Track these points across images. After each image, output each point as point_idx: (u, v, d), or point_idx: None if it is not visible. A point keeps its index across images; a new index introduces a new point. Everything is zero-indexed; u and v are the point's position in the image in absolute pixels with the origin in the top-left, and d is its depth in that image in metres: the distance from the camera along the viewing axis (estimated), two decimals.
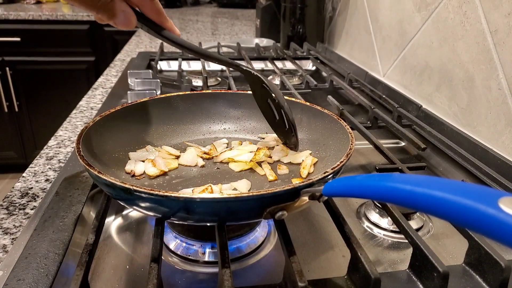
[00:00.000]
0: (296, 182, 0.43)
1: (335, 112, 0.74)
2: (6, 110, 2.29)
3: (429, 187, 0.25)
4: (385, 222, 0.52)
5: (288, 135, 0.54)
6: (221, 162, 0.55)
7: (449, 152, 0.68)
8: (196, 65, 1.17)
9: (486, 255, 0.40)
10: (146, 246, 0.48)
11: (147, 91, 0.83)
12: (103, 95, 0.95)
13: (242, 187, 0.48)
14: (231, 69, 1.08)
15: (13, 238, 0.47)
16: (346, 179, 0.33)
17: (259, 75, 0.52)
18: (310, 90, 0.94)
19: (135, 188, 0.35)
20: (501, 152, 0.63)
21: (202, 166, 0.53)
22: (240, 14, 2.37)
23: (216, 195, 0.36)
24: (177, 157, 0.55)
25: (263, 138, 0.60)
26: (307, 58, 1.23)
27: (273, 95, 0.52)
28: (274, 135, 0.58)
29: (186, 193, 0.46)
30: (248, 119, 0.62)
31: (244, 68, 0.53)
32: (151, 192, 0.35)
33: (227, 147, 0.58)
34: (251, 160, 0.53)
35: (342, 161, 0.41)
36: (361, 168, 0.68)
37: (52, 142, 0.72)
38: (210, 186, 0.47)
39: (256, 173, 0.52)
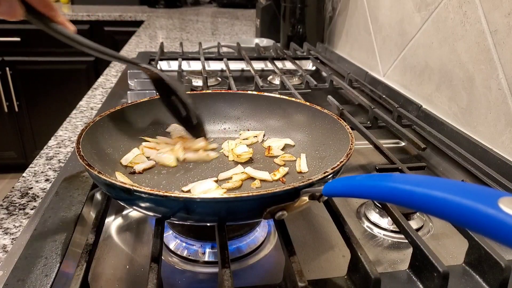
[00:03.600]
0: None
1: (335, 112, 0.74)
2: (6, 110, 2.29)
3: (429, 187, 0.25)
4: (385, 222, 0.52)
5: (197, 129, 0.56)
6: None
7: (449, 152, 0.68)
8: (196, 65, 1.17)
9: (486, 255, 0.40)
10: (146, 246, 0.48)
11: (147, 91, 0.83)
12: (103, 95, 0.95)
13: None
14: (232, 68, 1.08)
15: (13, 238, 0.47)
16: (346, 179, 0.33)
17: (157, 72, 0.52)
18: (310, 90, 0.94)
19: (135, 188, 0.35)
20: (501, 152, 0.63)
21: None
22: (240, 14, 2.37)
23: (216, 195, 0.36)
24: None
25: (240, 135, 0.61)
26: (307, 58, 1.23)
27: (175, 91, 0.53)
28: (254, 132, 0.61)
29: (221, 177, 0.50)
30: (248, 119, 0.62)
31: (143, 66, 0.52)
32: (151, 192, 0.35)
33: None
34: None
35: (342, 161, 0.41)
36: (361, 168, 0.68)
37: (52, 142, 0.72)
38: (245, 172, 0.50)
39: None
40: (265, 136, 0.61)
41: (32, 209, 0.52)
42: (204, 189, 0.47)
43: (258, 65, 1.20)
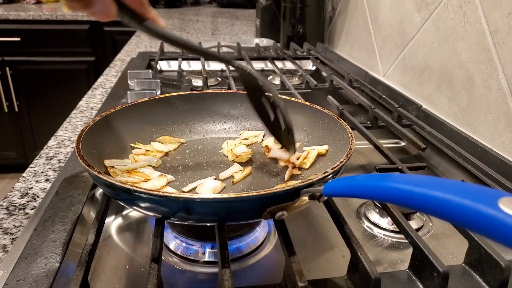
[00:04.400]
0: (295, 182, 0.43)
1: (335, 112, 0.74)
2: (6, 110, 2.29)
3: (429, 187, 0.25)
4: (385, 222, 0.52)
5: (285, 136, 0.50)
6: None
7: (449, 152, 0.68)
8: (196, 65, 1.17)
9: (486, 255, 0.40)
10: (146, 246, 0.48)
11: (147, 91, 0.83)
12: (103, 95, 0.95)
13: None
14: (231, 68, 1.08)
15: (13, 238, 0.47)
16: (346, 179, 0.33)
17: (252, 72, 0.49)
18: (310, 90, 0.94)
19: (134, 188, 0.35)
20: (501, 152, 0.63)
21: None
22: (240, 14, 2.37)
23: (216, 195, 0.36)
24: (166, 153, 0.56)
25: (240, 135, 0.61)
26: (307, 58, 1.23)
27: (269, 93, 0.49)
28: (254, 132, 0.60)
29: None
30: (248, 119, 0.62)
31: (237, 65, 0.49)
32: (151, 192, 0.35)
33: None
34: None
35: (342, 161, 0.41)
36: (361, 168, 0.68)
37: (52, 142, 0.72)
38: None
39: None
40: (265, 136, 0.61)
41: (32, 209, 0.52)
42: (211, 187, 0.47)
43: (258, 65, 1.20)
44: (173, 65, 1.17)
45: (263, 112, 0.51)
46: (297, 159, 0.53)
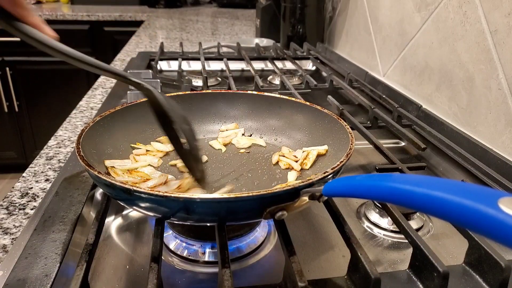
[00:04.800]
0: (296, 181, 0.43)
1: (335, 112, 0.74)
2: (6, 110, 2.29)
3: (429, 187, 0.25)
4: (385, 222, 0.52)
5: (192, 163, 0.44)
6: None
7: (449, 152, 0.68)
8: (196, 65, 1.17)
9: (486, 255, 0.40)
10: (146, 246, 0.48)
11: None
12: (103, 95, 0.95)
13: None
14: (231, 68, 1.08)
15: (13, 238, 0.47)
16: (346, 179, 0.33)
17: (149, 88, 0.40)
18: (310, 90, 0.94)
19: (134, 188, 0.35)
20: (501, 152, 0.63)
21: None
22: (240, 14, 2.37)
23: (216, 195, 0.36)
24: (167, 153, 0.56)
25: (224, 131, 0.62)
26: (307, 58, 1.23)
27: (169, 115, 0.41)
28: (233, 125, 0.61)
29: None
30: (248, 119, 0.62)
31: (134, 80, 0.41)
32: (151, 192, 0.35)
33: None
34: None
35: (342, 161, 0.41)
36: (361, 168, 0.68)
37: (52, 142, 0.72)
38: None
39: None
40: (245, 133, 0.62)
41: (32, 209, 0.52)
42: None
43: (258, 65, 1.20)
44: (173, 65, 1.17)
45: (176, 140, 0.43)
46: (296, 161, 0.53)
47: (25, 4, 0.36)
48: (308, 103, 0.58)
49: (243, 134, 0.61)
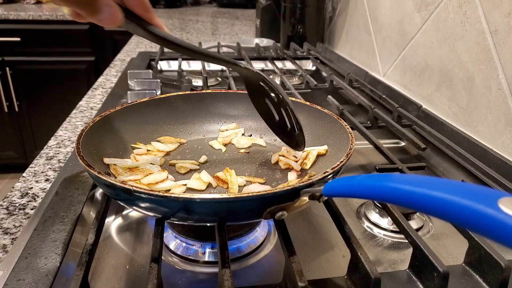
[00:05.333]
0: (296, 181, 0.43)
1: (335, 112, 0.74)
2: (6, 110, 2.29)
3: (429, 187, 0.25)
4: (385, 222, 0.52)
5: (291, 135, 0.51)
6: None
7: (449, 152, 0.68)
8: (196, 65, 1.17)
9: (486, 255, 0.40)
10: (146, 246, 0.48)
11: (147, 91, 0.83)
12: (103, 95, 0.95)
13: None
14: (230, 68, 1.08)
15: (13, 238, 0.47)
16: (346, 179, 0.33)
17: (259, 72, 0.49)
18: (310, 90, 0.94)
19: (134, 188, 0.35)
20: (501, 152, 0.63)
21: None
22: (240, 14, 2.37)
23: (216, 195, 0.36)
24: (167, 153, 0.56)
25: (224, 131, 0.62)
26: (307, 58, 1.23)
27: (276, 93, 0.49)
28: (233, 125, 0.61)
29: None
30: (248, 119, 0.62)
31: (243, 66, 0.49)
32: (151, 192, 0.35)
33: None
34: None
35: (342, 161, 0.41)
36: (361, 168, 0.68)
37: (52, 142, 0.72)
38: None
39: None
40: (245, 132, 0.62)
41: (32, 209, 0.52)
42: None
43: (258, 65, 1.20)
44: (173, 65, 1.17)
45: (266, 113, 0.52)
46: (296, 161, 0.53)
47: (151, 8, 0.41)
48: (308, 103, 0.58)
49: (243, 134, 0.61)
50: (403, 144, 0.78)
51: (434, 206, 0.25)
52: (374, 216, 0.53)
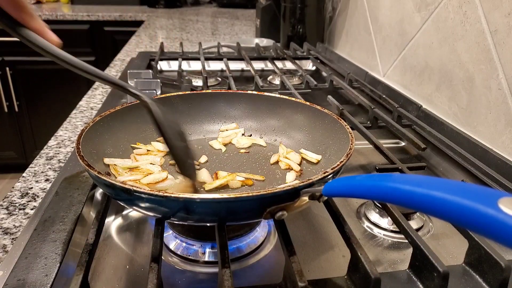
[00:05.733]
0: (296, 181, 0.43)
1: (335, 112, 0.74)
2: (6, 110, 2.29)
3: (429, 187, 0.25)
4: (385, 222, 0.52)
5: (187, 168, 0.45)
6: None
7: (449, 152, 0.68)
8: (196, 65, 1.17)
9: (486, 255, 0.40)
10: (146, 246, 0.48)
11: (147, 91, 0.83)
12: (103, 95, 0.95)
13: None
14: (231, 68, 1.08)
15: (13, 238, 0.47)
16: (346, 179, 0.33)
17: (147, 101, 0.41)
18: (310, 90, 0.94)
19: (134, 188, 0.35)
20: (501, 152, 0.63)
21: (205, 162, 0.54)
22: (240, 14, 2.37)
23: (216, 195, 0.36)
24: (167, 153, 0.56)
25: (224, 131, 0.62)
26: (307, 58, 1.23)
27: (164, 131, 0.41)
28: (233, 125, 0.61)
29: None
30: (248, 119, 0.62)
31: (132, 91, 0.41)
32: (151, 192, 0.35)
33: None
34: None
35: (342, 161, 0.41)
36: (361, 168, 0.68)
37: (52, 142, 0.72)
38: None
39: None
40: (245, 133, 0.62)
41: (32, 209, 0.52)
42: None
43: (258, 65, 1.20)
44: (173, 65, 1.17)
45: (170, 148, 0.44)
46: (299, 164, 0.53)
47: (28, 8, 0.35)
48: (308, 103, 0.58)
49: (243, 134, 0.61)
50: (403, 144, 0.78)
51: (434, 206, 0.25)
52: (374, 216, 0.53)
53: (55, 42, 0.37)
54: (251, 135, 0.61)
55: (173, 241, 0.47)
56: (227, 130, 0.61)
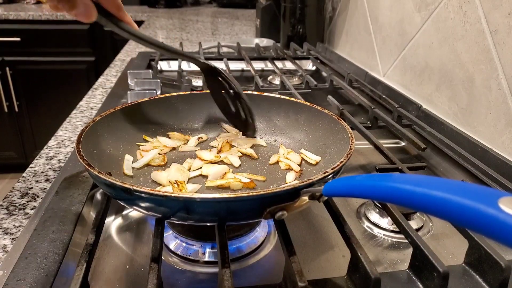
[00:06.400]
0: (296, 181, 0.43)
1: (335, 112, 0.74)
2: (6, 110, 2.29)
3: (429, 187, 0.25)
4: (385, 222, 0.52)
5: (246, 124, 0.59)
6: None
7: (449, 152, 0.68)
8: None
9: (486, 255, 0.40)
10: (146, 246, 0.48)
11: (147, 91, 0.83)
12: (103, 95, 0.95)
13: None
14: (231, 68, 1.08)
15: (13, 238, 0.47)
16: (346, 179, 0.33)
17: (215, 66, 0.56)
18: (310, 90, 0.94)
19: (135, 188, 0.35)
20: (501, 152, 0.63)
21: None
22: (240, 14, 2.37)
23: (216, 195, 0.36)
24: (173, 148, 0.57)
25: (226, 130, 0.62)
26: (307, 58, 1.23)
27: (232, 86, 0.56)
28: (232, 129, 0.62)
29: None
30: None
31: (201, 60, 0.56)
32: (151, 192, 0.35)
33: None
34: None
35: (342, 161, 0.41)
36: (361, 168, 0.68)
37: (52, 142, 0.72)
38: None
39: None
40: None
41: (32, 209, 0.52)
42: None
43: (258, 65, 1.20)
44: (173, 65, 1.17)
45: (223, 105, 0.59)
46: (299, 165, 0.53)
47: (123, 7, 0.47)
48: (308, 103, 0.58)
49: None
50: (403, 144, 0.78)
51: (434, 206, 0.25)
52: (374, 216, 0.53)
53: (137, 28, 0.50)
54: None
55: (173, 241, 0.47)
56: (227, 130, 0.61)
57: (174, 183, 0.46)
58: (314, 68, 1.22)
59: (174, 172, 0.49)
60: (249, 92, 0.63)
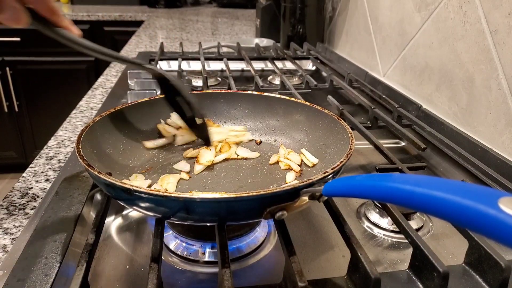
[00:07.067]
0: (296, 181, 0.43)
1: (335, 112, 0.74)
2: (6, 110, 2.29)
3: (429, 187, 0.25)
4: (385, 222, 0.52)
5: (201, 130, 0.57)
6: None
7: (449, 152, 0.68)
8: (196, 65, 1.17)
9: (486, 255, 0.40)
10: (146, 246, 0.48)
11: (147, 91, 0.83)
12: (103, 95, 0.95)
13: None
14: (231, 68, 1.08)
15: (13, 238, 0.47)
16: (346, 179, 0.33)
17: (162, 73, 0.53)
18: (310, 90, 0.94)
19: (135, 188, 0.35)
20: (501, 152, 0.63)
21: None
22: (240, 14, 2.37)
23: (216, 195, 0.36)
24: (178, 128, 0.59)
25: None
26: (307, 58, 1.23)
27: (179, 90, 0.54)
28: (241, 127, 0.62)
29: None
30: (248, 119, 0.62)
31: (148, 66, 0.53)
32: (151, 192, 0.35)
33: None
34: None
35: (342, 161, 0.41)
36: (361, 168, 0.68)
37: (52, 142, 0.72)
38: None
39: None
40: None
41: (32, 209, 0.52)
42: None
43: (258, 65, 1.20)
44: (173, 65, 1.17)
45: (180, 110, 0.57)
46: (299, 165, 0.53)
47: (59, 11, 0.45)
48: (308, 103, 0.58)
49: (250, 141, 0.61)
50: (403, 144, 0.78)
51: (434, 206, 0.25)
52: (374, 216, 0.53)
53: (78, 34, 0.48)
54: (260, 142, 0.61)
55: (173, 241, 0.47)
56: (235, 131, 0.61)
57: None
58: (314, 68, 1.22)
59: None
60: (249, 92, 0.63)
